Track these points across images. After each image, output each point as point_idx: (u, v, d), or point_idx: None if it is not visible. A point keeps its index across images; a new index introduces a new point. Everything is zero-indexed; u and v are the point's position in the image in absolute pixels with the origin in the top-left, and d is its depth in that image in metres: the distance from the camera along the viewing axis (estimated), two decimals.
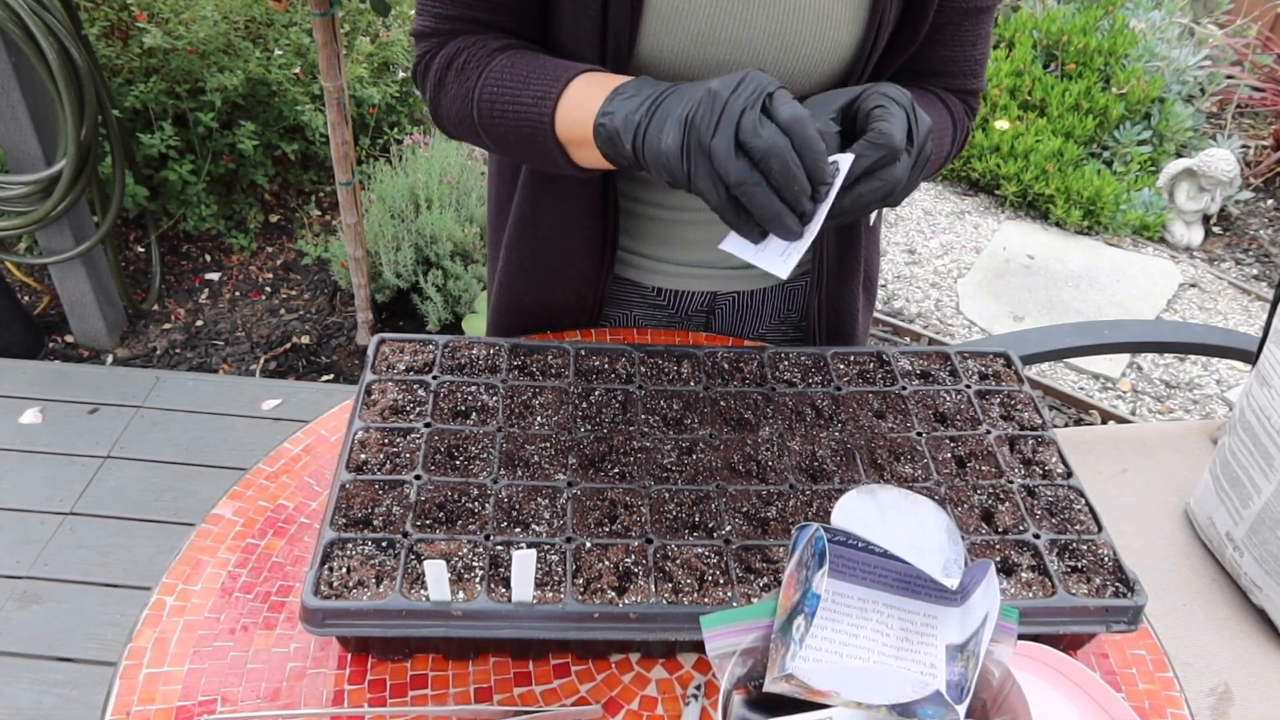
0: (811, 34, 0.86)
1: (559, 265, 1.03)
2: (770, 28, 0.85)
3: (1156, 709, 0.78)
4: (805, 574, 0.62)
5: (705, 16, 0.84)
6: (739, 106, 0.66)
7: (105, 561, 1.96)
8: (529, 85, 0.82)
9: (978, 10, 0.93)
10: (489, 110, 0.85)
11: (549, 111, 0.80)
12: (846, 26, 0.86)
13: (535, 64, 0.83)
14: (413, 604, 0.69)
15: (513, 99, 0.83)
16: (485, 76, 0.85)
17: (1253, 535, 1.20)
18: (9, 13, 1.90)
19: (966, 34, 0.95)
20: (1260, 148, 3.68)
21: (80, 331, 2.52)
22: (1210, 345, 1.61)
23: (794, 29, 0.85)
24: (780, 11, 0.84)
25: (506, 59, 0.85)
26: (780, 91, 0.68)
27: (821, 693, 0.57)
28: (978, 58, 0.97)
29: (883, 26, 0.87)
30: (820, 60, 0.88)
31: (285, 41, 2.75)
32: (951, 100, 0.98)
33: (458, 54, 0.88)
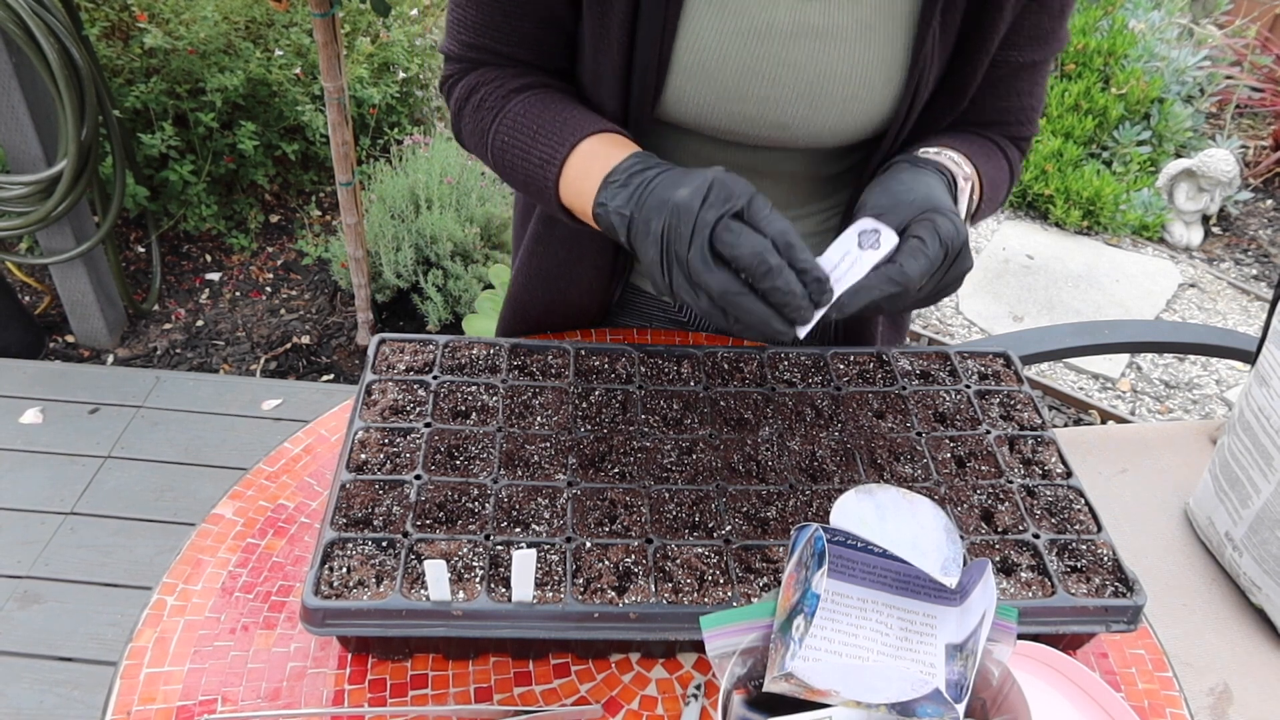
0: (843, 96, 0.83)
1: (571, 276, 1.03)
2: (800, 88, 0.83)
3: (1156, 708, 0.78)
4: (805, 574, 0.62)
5: (733, 74, 0.82)
6: (711, 218, 0.65)
7: (106, 561, 1.97)
8: (536, 144, 0.81)
9: (1032, 65, 0.90)
10: (501, 159, 0.86)
11: (554, 177, 0.80)
12: (881, 89, 0.84)
13: (545, 118, 0.82)
14: (413, 604, 0.69)
15: (522, 155, 0.83)
16: (499, 122, 0.85)
17: (1252, 535, 1.20)
18: (10, 13, 1.91)
19: (1022, 85, 0.92)
20: (1259, 148, 3.68)
21: (81, 331, 2.52)
22: (1209, 345, 1.62)
23: (825, 90, 0.83)
24: (812, 74, 0.82)
25: (521, 104, 0.84)
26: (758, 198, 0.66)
27: (821, 692, 0.58)
28: (1033, 105, 0.95)
29: (920, 91, 0.85)
30: (852, 121, 0.86)
31: (286, 42, 2.75)
32: (1007, 147, 0.95)
33: (476, 89, 0.87)
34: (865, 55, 0.82)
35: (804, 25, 0.81)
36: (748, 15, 0.80)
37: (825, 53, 0.81)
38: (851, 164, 0.98)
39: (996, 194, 0.92)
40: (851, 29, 0.81)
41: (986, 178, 0.89)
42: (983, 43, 0.84)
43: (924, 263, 0.70)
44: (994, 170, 0.91)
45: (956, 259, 0.73)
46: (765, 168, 0.94)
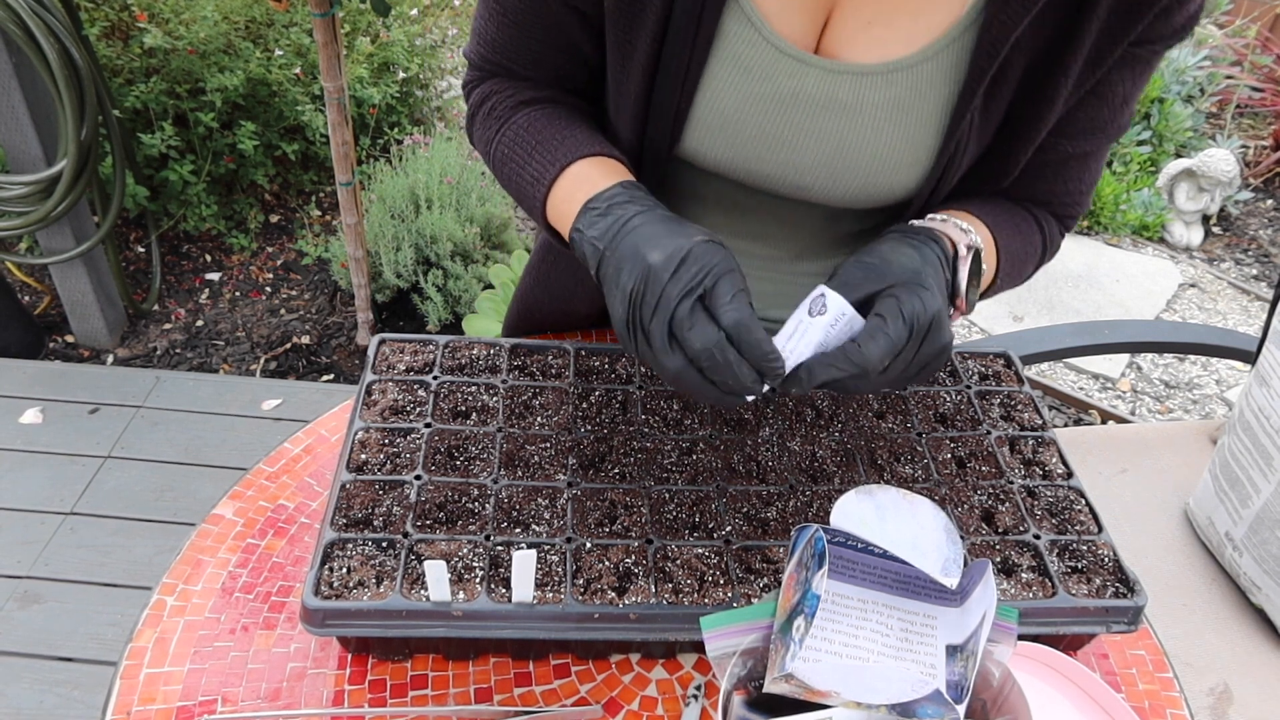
0: (866, 171, 0.79)
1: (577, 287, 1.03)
2: (820, 158, 0.79)
3: (1156, 709, 0.78)
4: (805, 575, 0.62)
5: (751, 137, 0.79)
6: (675, 294, 0.62)
7: (106, 561, 1.97)
8: (531, 160, 0.80)
9: (1084, 154, 0.85)
10: (500, 172, 0.85)
11: (541, 197, 0.78)
12: (907, 169, 0.80)
13: (544, 135, 0.80)
14: (413, 604, 0.69)
15: (518, 169, 0.81)
16: (502, 134, 0.83)
17: (1252, 535, 1.20)
18: (10, 13, 1.91)
19: (1072, 171, 0.87)
20: (1260, 148, 3.68)
21: (81, 331, 2.52)
22: (1209, 345, 1.62)
23: (847, 164, 0.79)
24: (834, 147, 0.78)
25: (525, 118, 0.83)
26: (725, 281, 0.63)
27: (821, 693, 0.57)
28: (1084, 190, 0.89)
29: (950, 172, 0.81)
30: (874, 193, 0.82)
31: (286, 42, 2.75)
32: (1047, 221, 0.90)
33: (489, 96, 0.86)
34: (894, 135, 0.78)
35: (832, 99, 0.76)
36: (773, 81, 0.76)
37: (851, 128, 0.78)
38: (875, 223, 0.94)
39: (1020, 268, 0.87)
40: (883, 108, 0.77)
41: (1006, 251, 0.84)
42: (1029, 132, 0.80)
43: (884, 343, 0.65)
44: (1019, 244, 0.86)
45: (925, 337, 0.67)
46: (784, 214, 0.91)
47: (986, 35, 0.72)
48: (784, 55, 0.75)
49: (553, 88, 0.87)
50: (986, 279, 0.83)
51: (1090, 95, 0.79)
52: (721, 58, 0.76)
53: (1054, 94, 0.76)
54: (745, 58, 0.75)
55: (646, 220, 0.68)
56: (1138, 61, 0.77)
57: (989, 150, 0.82)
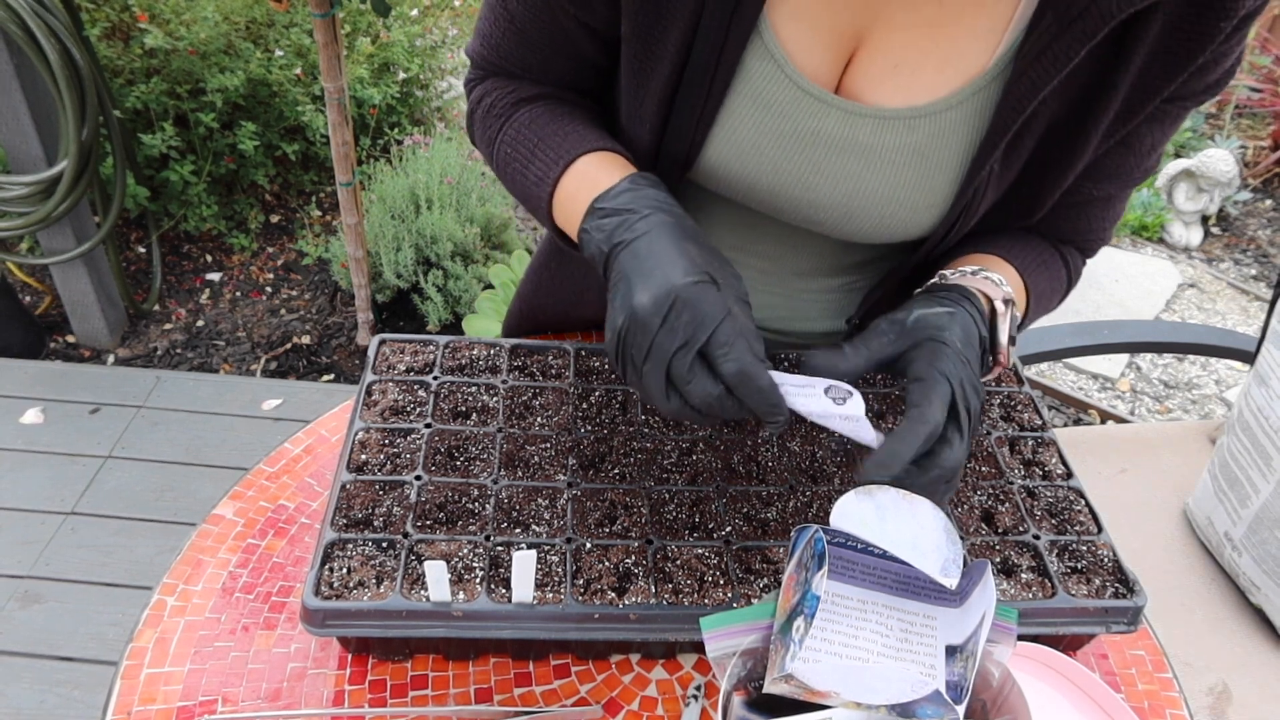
0: (880, 214, 0.78)
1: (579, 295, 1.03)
2: (836, 198, 0.78)
3: (1156, 709, 0.78)
4: (805, 575, 0.62)
5: (767, 174, 0.78)
6: (670, 346, 0.60)
7: (106, 561, 1.97)
8: (535, 159, 0.78)
9: (1108, 197, 0.84)
10: (503, 171, 0.83)
11: (547, 196, 0.76)
12: (923, 213, 0.78)
13: (546, 132, 0.78)
14: (413, 604, 0.69)
15: (521, 169, 0.79)
16: (504, 132, 0.82)
17: (1251, 535, 1.21)
18: (11, 14, 1.91)
19: (1095, 211, 0.86)
20: (1259, 148, 3.68)
21: (81, 331, 2.53)
22: (1209, 345, 1.62)
23: (861, 206, 0.78)
24: (849, 189, 0.77)
25: (526, 116, 0.81)
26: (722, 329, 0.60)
27: (821, 693, 0.58)
28: (1106, 225, 0.88)
29: (967, 216, 0.79)
30: (888, 233, 0.81)
31: (286, 42, 2.75)
32: (1072, 256, 0.90)
33: (489, 93, 0.84)
34: (911, 180, 0.76)
35: (851, 141, 0.75)
36: (793, 119, 0.75)
37: (868, 172, 0.76)
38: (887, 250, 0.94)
39: (1047, 303, 0.87)
40: (902, 152, 0.75)
41: (1035, 291, 0.83)
42: (1055, 180, 0.79)
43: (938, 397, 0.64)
44: (1046, 282, 0.85)
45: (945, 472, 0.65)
46: (794, 239, 0.90)
47: (1014, 89, 0.70)
48: (805, 94, 0.74)
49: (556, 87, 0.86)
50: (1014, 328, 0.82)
51: (1118, 145, 0.78)
52: (741, 92, 0.74)
53: (1083, 145, 0.75)
54: (766, 94, 0.74)
55: (647, 231, 0.65)
56: (1168, 116, 0.76)
57: (1014, 193, 0.81)
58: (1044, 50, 0.68)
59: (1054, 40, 0.67)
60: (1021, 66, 0.69)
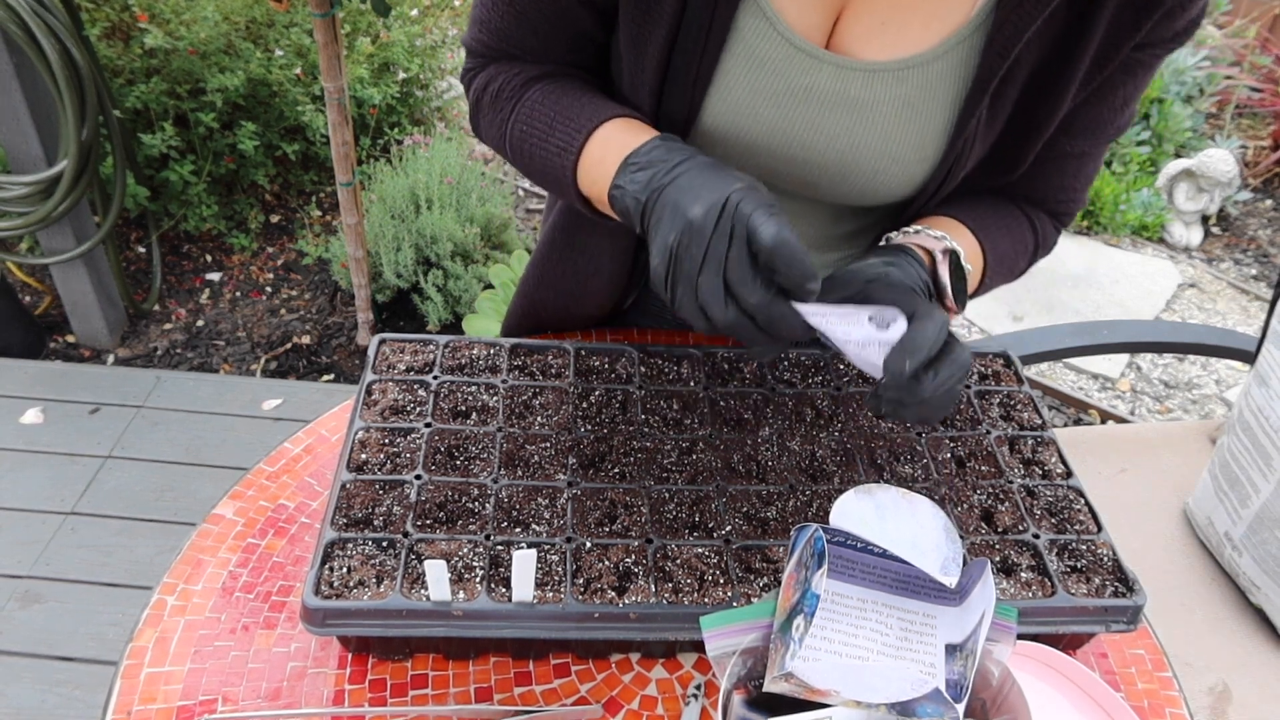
0: (873, 169, 0.81)
1: (581, 290, 1.03)
2: (830, 156, 0.80)
3: (1155, 708, 0.78)
4: (804, 574, 0.62)
5: (763, 133, 0.80)
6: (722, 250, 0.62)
7: (106, 561, 1.97)
8: (554, 131, 0.79)
9: (1082, 154, 0.86)
10: (519, 150, 0.84)
11: (571, 165, 0.78)
12: (914, 166, 0.81)
13: (562, 105, 0.80)
14: (413, 604, 0.69)
15: (540, 143, 0.81)
16: (517, 112, 0.83)
17: (1251, 535, 1.21)
18: (10, 13, 1.91)
19: (1069, 168, 0.88)
20: (1259, 148, 3.68)
21: (81, 331, 2.53)
22: (1209, 345, 1.62)
23: (855, 161, 0.80)
24: (844, 144, 0.79)
25: (538, 93, 0.82)
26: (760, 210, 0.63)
27: (821, 692, 0.58)
28: (1080, 185, 0.90)
29: (955, 170, 0.81)
30: (880, 190, 0.83)
31: (286, 42, 2.75)
32: (1040, 220, 0.92)
33: (494, 79, 0.85)
34: (902, 133, 0.79)
35: (843, 95, 0.77)
36: (786, 76, 0.77)
37: (861, 126, 0.78)
38: (875, 220, 0.95)
39: (1010, 264, 0.88)
40: (891, 105, 0.77)
41: (993, 249, 0.85)
42: (1038, 129, 0.81)
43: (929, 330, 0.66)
44: (1008, 242, 0.87)
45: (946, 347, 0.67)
46: (789, 210, 0.91)
47: (998, 35, 0.73)
48: (798, 51, 0.76)
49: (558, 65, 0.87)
50: (974, 278, 0.84)
51: (1092, 96, 0.80)
52: (736, 52, 0.76)
53: (1062, 93, 0.77)
54: (759, 52, 0.76)
55: (687, 169, 0.68)
56: (1139, 65, 0.79)
57: (998, 147, 0.83)
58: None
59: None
60: (1004, 14, 0.72)
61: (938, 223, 0.84)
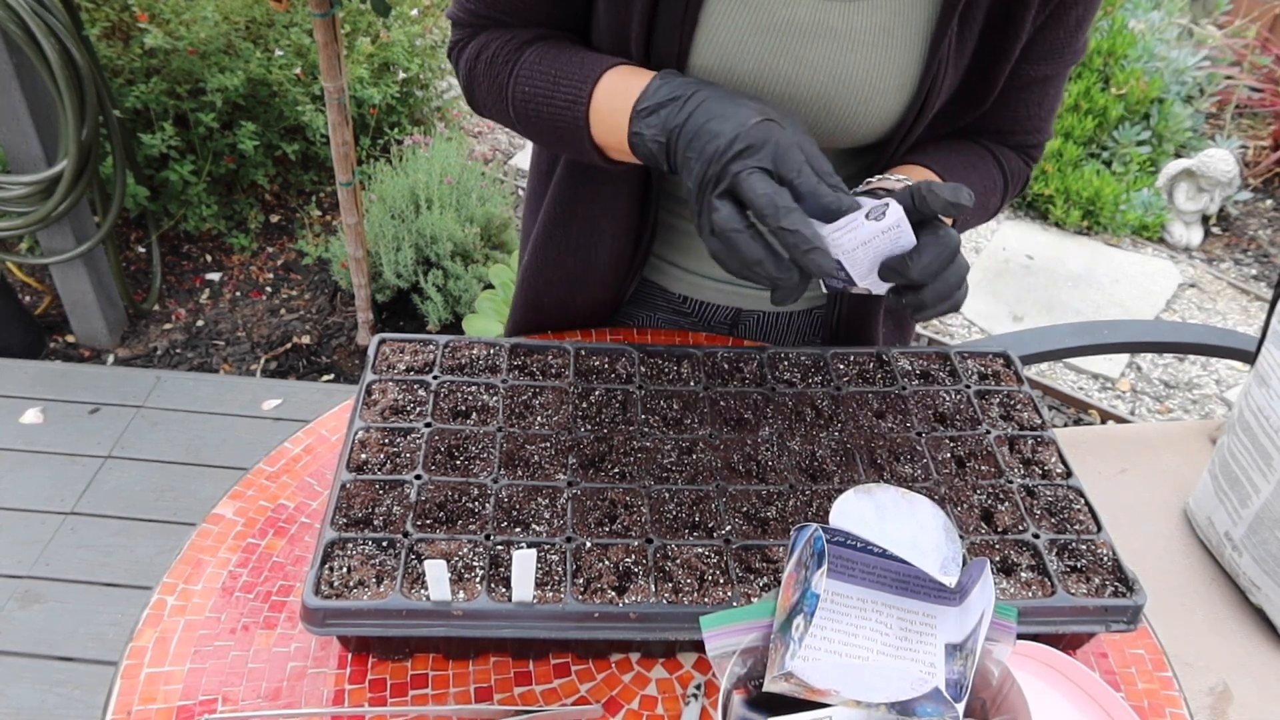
0: (856, 99, 0.84)
1: (584, 270, 1.03)
2: (815, 89, 0.83)
3: (1155, 708, 0.78)
4: (804, 574, 0.62)
5: (750, 72, 0.83)
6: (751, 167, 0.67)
7: (106, 561, 1.97)
8: (560, 87, 0.81)
9: (1044, 78, 0.89)
10: (524, 111, 0.85)
11: (583, 116, 0.80)
12: (894, 95, 0.84)
13: (561, 61, 0.82)
14: (413, 604, 0.69)
15: (546, 100, 0.83)
16: (516, 73, 0.85)
17: (1251, 535, 1.21)
18: (10, 13, 1.91)
19: (1033, 96, 0.91)
20: (1259, 148, 3.68)
21: (81, 331, 2.53)
22: (1209, 345, 1.62)
23: (839, 92, 0.83)
24: (826, 75, 0.82)
25: (534, 54, 0.84)
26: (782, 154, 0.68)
27: (821, 691, 0.58)
28: (1044, 115, 0.93)
29: (931, 98, 0.85)
30: (863, 123, 0.86)
31: (286, 42, 2.75)
32: (1006, 156, 0.95)
33: (486, 46, 0.87)
34: (881, 60, 0.82)
35: (823, 26, 0.81)
36: (768, 11, 0.80)
37: (841, 55, 0.82)
38: (855, 170, 0.97)
39: (982, 203, 0.91)
40: (869, 33, 0.81)
41: None
42: (1003, 53, 0.84)
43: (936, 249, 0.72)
44: (974, 178, 0.90)
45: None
46: None
47: None
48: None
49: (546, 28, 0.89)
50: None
51: (1049, 20, 0.84)
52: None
53: (1023, 16, 0.81)
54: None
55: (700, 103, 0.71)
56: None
57: (966, 79, 0.86)
58: None
59: None
60: None
61: (901, 170, 0.87)
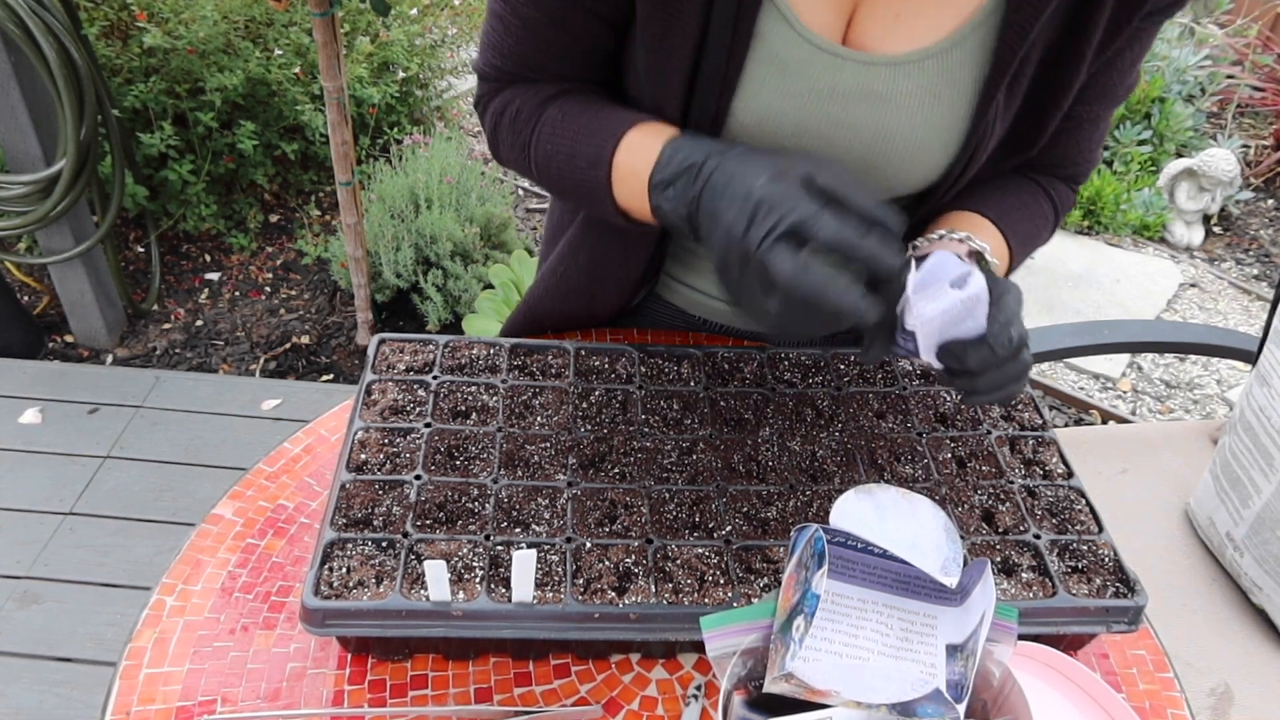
0: (899, 158, 0.81)
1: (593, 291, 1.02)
2: (857, 150, 0.81)
3: (1157, 709, 0.78)
4: (805, 574, 0.62)
5: (789, 133, 0.80)
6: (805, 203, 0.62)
7: (105, 561, 1.96)
8: (581, 146, 0.79)
9: (1095, 117, 0.87)
10: (546, 169, 0.83)
11: (605, 178, 0.77)
12: (938, 153, 0.81)
13: (584, 118, 0.80)
14: (413, 604, 0.69)
15: (567, 159, 0.80)
16: (539, 131, 0.82)
17: (1253, 535, 1.20)
18: (9, 12, 1.90)
19: (1083, 134, 0.89)
20: (1260, 147, 3.67)
21: (80, 331, 2.52)
22: (1210, 345, 1.61)
23: (881, 152, 0.81)
24: (869, 137, 0.80)
25: (557, 110, 0.82)
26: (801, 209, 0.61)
27: (821, 692, 0.57)
28: (1093, 148, 0.92)
29: (978, 154, 0.82)
30: (906, 179, 0.83)
31: (285, 41, 2.75)
32: (1055, 187, 0.93)
33: (510, 101, 0.85)
34: (925, 121, 0.79)
35: (867, 90, 0.78)
36: (810, 78, 0.77)
37: (885, 118, 0.79)
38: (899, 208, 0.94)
39: (1033, 241, 0.90)
40: (915, 96, 0.78)
41: (1015, 234, 0.86)
42: (1054, 105, 0.82)
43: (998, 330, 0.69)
44: (1027, 223, 0.88)
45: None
46: None
47: (1015, 19, 0.74)
48: (820, 50, 0.76)
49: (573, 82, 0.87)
50: (1001, 269, 0.85)
51: (1104, 64, 0.82)
52: (759, 58, 0.76)
53: (1076, 67, 0.78)
54: (783, 55, 0.76)
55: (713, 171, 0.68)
56: (1145, 31, 0.80)
57: (1017, 126, 0.84)
58: None
59: None
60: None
61: (958, 220, 0.85)
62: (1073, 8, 0.75)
